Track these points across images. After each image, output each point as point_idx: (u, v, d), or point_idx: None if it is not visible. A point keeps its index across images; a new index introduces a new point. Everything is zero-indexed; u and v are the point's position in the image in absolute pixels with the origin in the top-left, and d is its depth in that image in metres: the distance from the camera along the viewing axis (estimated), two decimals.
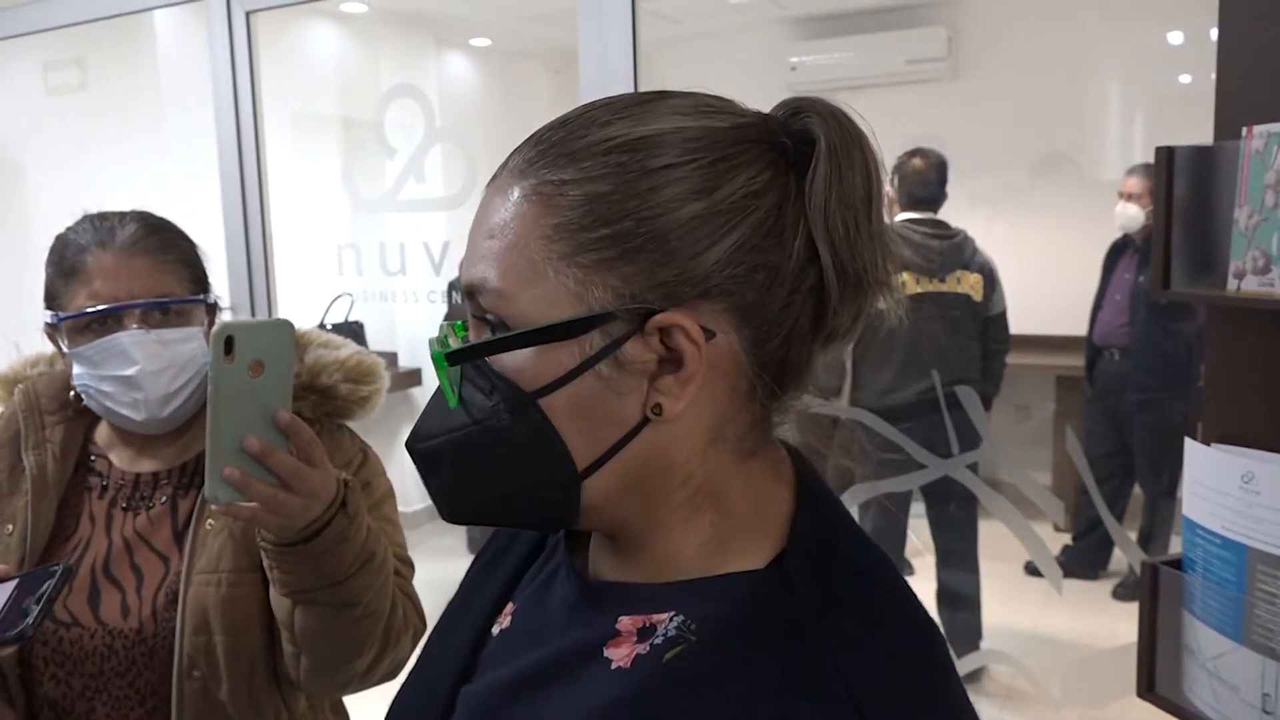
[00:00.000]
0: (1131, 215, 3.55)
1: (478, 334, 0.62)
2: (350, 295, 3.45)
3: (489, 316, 0.60)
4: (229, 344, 0.92)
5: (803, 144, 0.59)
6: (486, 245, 0.59)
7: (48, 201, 3.76)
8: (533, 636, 0.67)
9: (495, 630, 0.71)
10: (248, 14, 2.42)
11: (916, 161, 2.98)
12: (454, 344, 0.62)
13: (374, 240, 2.83)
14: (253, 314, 2.51)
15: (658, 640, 0.58)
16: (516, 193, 0.59)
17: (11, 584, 1.05)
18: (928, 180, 2.98)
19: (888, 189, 0.61)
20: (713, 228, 0.56)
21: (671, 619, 0.59)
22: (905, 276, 2.87)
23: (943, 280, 2.97)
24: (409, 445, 0.64)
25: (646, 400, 0.58)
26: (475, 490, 0.62)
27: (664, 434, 0.59)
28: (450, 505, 0.64)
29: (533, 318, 0.57)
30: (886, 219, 0.60)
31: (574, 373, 0.57)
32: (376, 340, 4.01)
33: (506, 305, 0.58)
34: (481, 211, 0.61)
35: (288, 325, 0.97)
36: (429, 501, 0.64)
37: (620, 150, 0.57)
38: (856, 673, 0.54)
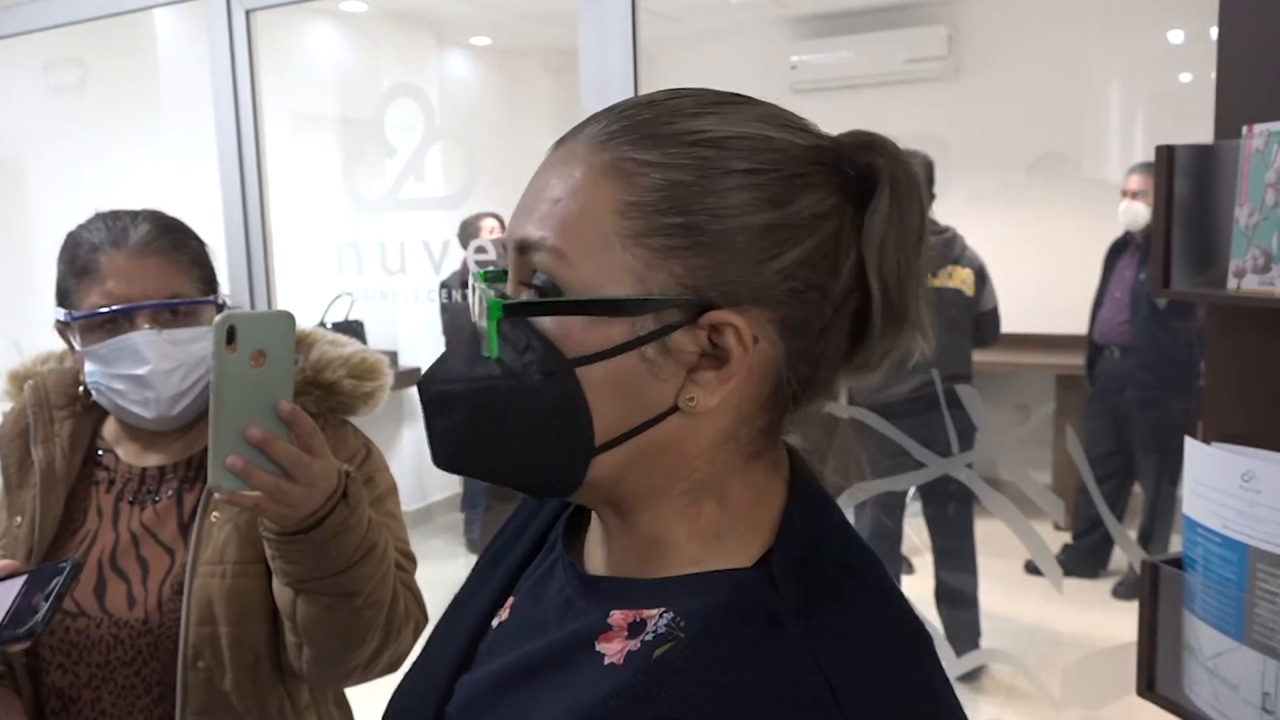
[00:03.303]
0: (1137, 213, 3.55)
1: (516, 290, 0.61)
2: (350, 294, 3.45)
3: (536, 279, 0.59)
4: (230, 334, 0.93)
5: (864, 178, 0.60)
6: (549, 207, 0.59)
7: (47, 201, 3.76)
8: (529, 628, 0.68)
9: (495, 622, 0.72)
10: (248, 13, 2.42)
11: None
12: (485, 290, 0.61)
13: (374, 239, 2.83)
14: (258, 310, 2.51)
15: (648, 636, 0.59)
16: (594, 163, 0.59)
17: (20, 580, 1.05)
18: None
19: None
20: (779, 239, 0.58)
21: (661, 615, 0.60)
22: None
23: (934, 275, 2.98)
24: (422, 383, 0.63)
25: (681, 390, 0.58)
26: (483, 442, 0.61)
27: (686, 425, 0.59)
28: (450, 450, 0.63)
29: (590, 286, 0.58)
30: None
31: (621, 348, 0.57)
32: (376, 339, 4.01)
33: (565, 269, 0.58)
34: (545, 172, 0.61)
35: (289, 316, 0.98)
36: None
37: (707, 145, 0.58)
38: (835, 668, 0.55)
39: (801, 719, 0.53)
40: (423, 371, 0.64)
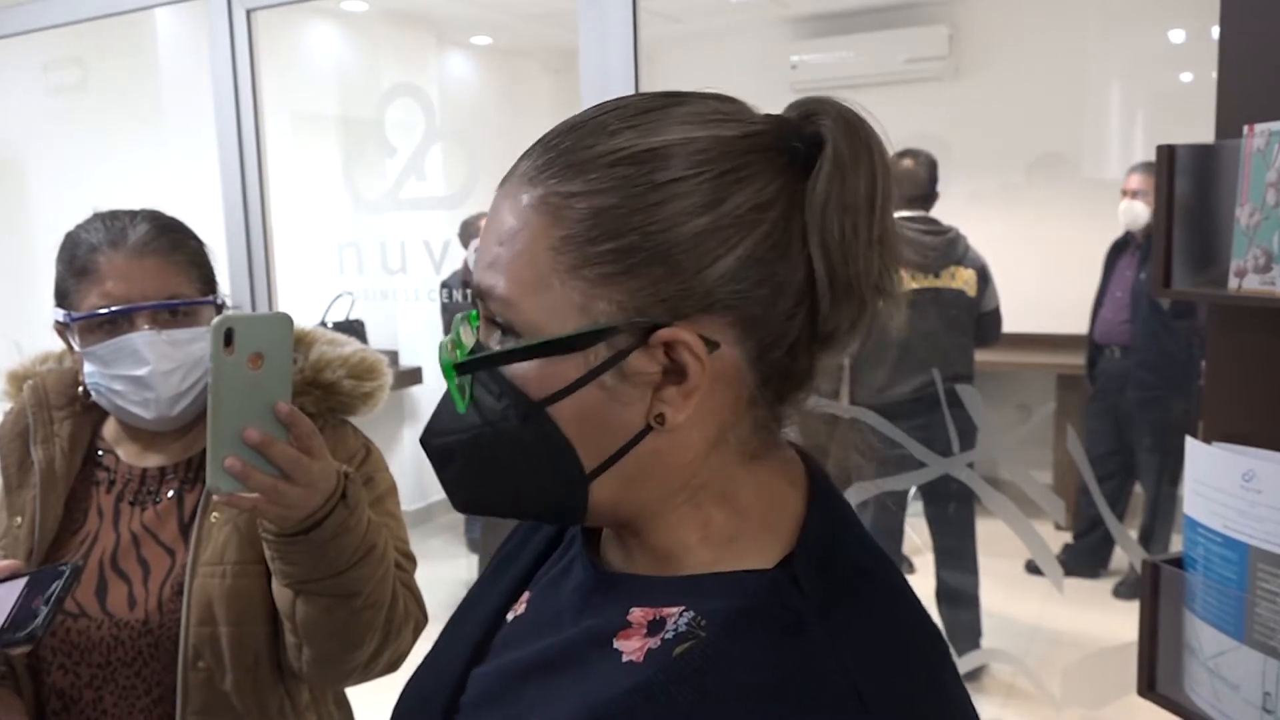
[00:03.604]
0: (1137, 212, 3.55)
1: (488, 333, 0.62)
2: (351, 294, 3.45)
3: (498, 319, 0.60)
4: (228, 336, 0.93)
5: (813, 148, 0.58)
6: (495, 251, 0.60)
7: (48, 201, 3.76)
8: (545, 623, 0.68)
9: (510, 616, 0.72)
10: (248, 12, 2.42)
11: (907, 162, 3.01)
12: (466, 338, 0.63)
13: (374, 239, 2.83)
14: (256, 312, 2.51)
15: (668, 635, 0.59)
16: (525, 200, 0.59)
17: (21, 583, 1.05)
18: (919, 180, 3.01)
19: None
20: (718, 242, 0.56)
21: (681, 614, 0.60)
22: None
23: (937, 276, 2.98)
24: (423, 440, 0.65)
25: (650, 409, 0.58)
26: (487, 485, 0.63)
27: (666, 441, 0.59)
28: (464, 498, 0.65)
29: (539, 327, 0.58)
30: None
31: (579, 383, 0.58)
32: (377, 339, 4.01)
33: (514, 313, 0.59)
34: (492, 214, 0.62)
35: (287, 318, 0.98)
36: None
37: (627, 163, 0.57)
38: (861, 669, 0.55)
39: (826, 719, 0.53)
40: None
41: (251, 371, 0.95)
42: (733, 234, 0.56)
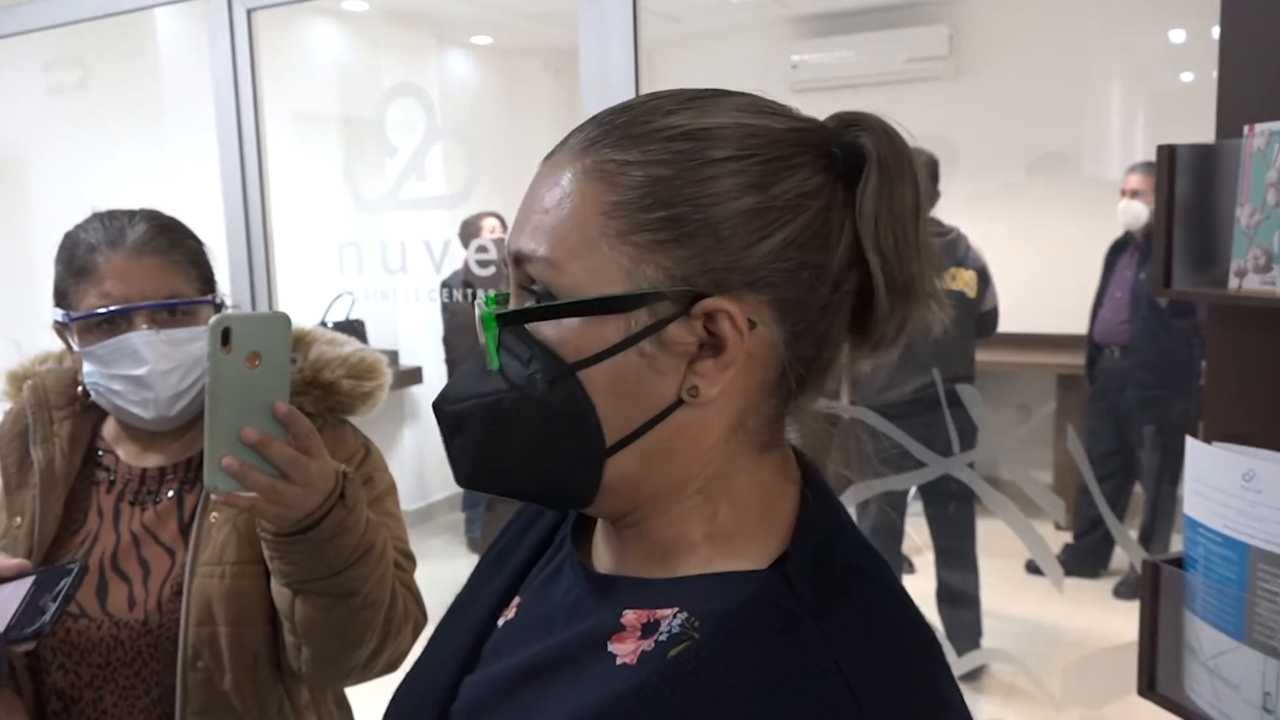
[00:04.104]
0: (1136, 212, 3.54)
1: (519, 304, 0.62)
2: (351, 294, 3.45)
3: (535, 287, 0.61)
4: (226, 335, 0.93)
5: (852, 155, 0.60)
6: (539, 218, 0.60)
7: (48, 200, 3.76)
8: (537, 628, 0.68)
9: (500, 622, 0.72)
10: (249, 12, 2.42)
11: None
12: (480, 305, 0.63)
13: (375, 238, 2.84)
14: (254, 311, 2.51)
15: (662, 636, 0.59)
16: (577, 169, 0.60)
17: (29, 581, 1.05)
18: None
19: None
20: (765, 222, 0.58)
21: (675, 615, 0.59)
22: None
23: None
24: (436, 405, 0.65)
25: (683, 382, 0.59)
26: (499, 456, 0.62)
27: (693, 417, 0.60)
28: (470, 469, 0.64)
29: (582, 289, 0.58)
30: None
31: (618, 347, 0.58)
32: (377, 338, 4.01)
33: (556, 275, 0.59)
34: (536, 185, 0.62)
35: (285, 318, 0.98)
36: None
37: (684, 138, 0.59)
38: (855, 669, 0.55)
39: (821, 719, 0.53)
40: (437, 390, 0.65)
41: (249, 371, 0.95)
42: (779, 216, 0.58)
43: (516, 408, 0.60)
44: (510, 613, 0.72)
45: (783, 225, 0.58)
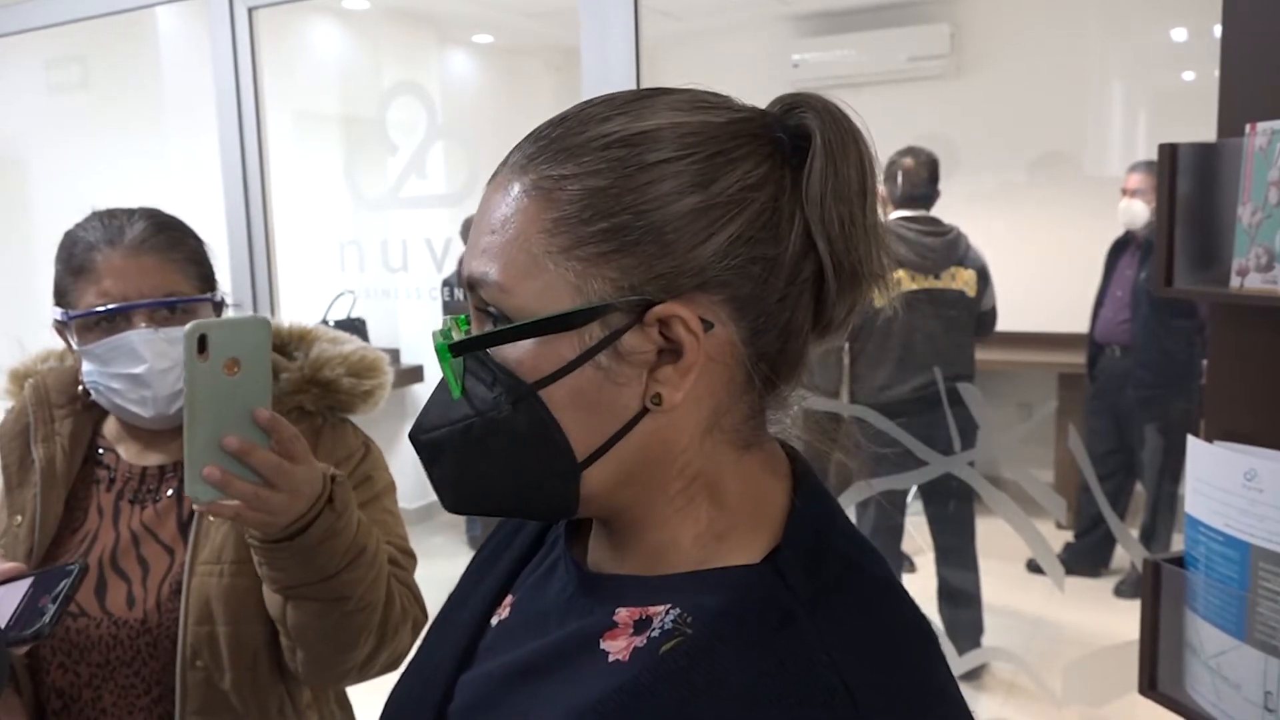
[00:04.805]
0: (1136, 212, 3.54)
1: (479, 327, 0.62)
2: (352, 292, 3.45)
3: (490, 310, 0.60)
4: (202, 343, 0.92)
5: (798, 139, 0.60)
6: (487, 240, 0.60)
7: (50, 199, 3.76)
8: (530, 627, 0.68)
9: (494, 621, 0.72)
10: (250, 11, 2.42)
11: (908, 161, 3.01)
12: (457, 336, 0.62)
13: (376, 237, 2.84)
14: (254, 311, 2.51)
15: (654, 633, 0.59)
16: (516, 188, 0.60)
17: (27, 582, 1.05)
18: (919, 179, 3.01)
19: (880, 187, 0.63)
20: (709, 220, 0.57)
21: (668, 611, 0.59)
22: (901, 273, 2.89)
23: (938, 277, 2.98)
24: (412, 436, 0.65)
25: (646, 391, 0.59)
26: (477, 480, 0.62)
27: (662, 424, 0.60)
28: (453, 495, 0.65)
29: (533, 310, 0.58)
30: (880, 214, 0.61)
31: (574, 364, 0.58)
32: (378, 337, 4.01)
33: (507, 298, 0.59)
34: (483, 208, 0.62)
35: (264, 322, 0.97)
36: (426, 500, 0.65)
37: (618, 145, 0.58)
38: (849, 664, 0.55)
39: (815, 713, 0.53)
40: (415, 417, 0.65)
41: (228, 378, 0.94)
42: (723, 213, 0.57)
43: (486, 432, 0.60)
44: (504, 611, 0.72)
45: (728, 222, 0.57)
